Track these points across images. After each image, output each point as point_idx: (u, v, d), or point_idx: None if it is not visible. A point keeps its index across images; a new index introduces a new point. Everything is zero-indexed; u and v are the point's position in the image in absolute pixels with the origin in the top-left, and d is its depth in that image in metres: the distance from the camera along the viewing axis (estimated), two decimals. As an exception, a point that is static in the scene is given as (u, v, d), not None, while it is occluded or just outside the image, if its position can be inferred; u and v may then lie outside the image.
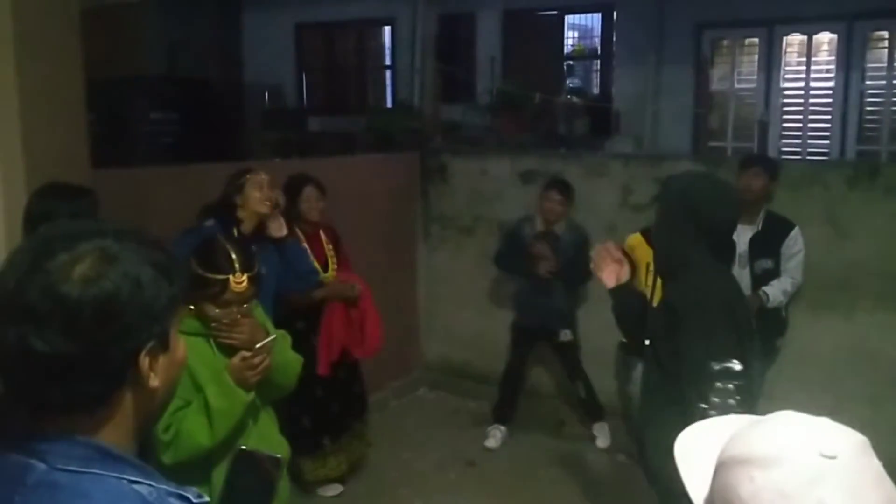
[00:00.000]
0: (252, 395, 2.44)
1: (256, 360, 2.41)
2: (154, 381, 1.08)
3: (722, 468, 0.99)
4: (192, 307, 2.40)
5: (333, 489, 4.62)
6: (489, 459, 5.14)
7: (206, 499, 1.09)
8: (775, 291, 4.38)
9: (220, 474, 2.07)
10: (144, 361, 1.06)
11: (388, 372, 5.80)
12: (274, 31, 11.04)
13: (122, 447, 1.07)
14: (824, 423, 0.98)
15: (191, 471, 2.24)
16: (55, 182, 2.96)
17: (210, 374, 2.39)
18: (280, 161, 6.32)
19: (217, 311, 2.44)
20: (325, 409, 4.44)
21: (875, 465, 0.94)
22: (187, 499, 1.06)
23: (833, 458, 0.90)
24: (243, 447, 1.51)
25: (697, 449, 1.08)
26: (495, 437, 5.31)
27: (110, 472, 1.02)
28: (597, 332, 5.29)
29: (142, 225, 1.20)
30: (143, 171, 5.13)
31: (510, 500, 4.64)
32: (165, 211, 4.04)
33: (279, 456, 1.51)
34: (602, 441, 5.26)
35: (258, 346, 2.43)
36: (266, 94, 10.83)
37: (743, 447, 0.97)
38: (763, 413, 1.07)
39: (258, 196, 3.89)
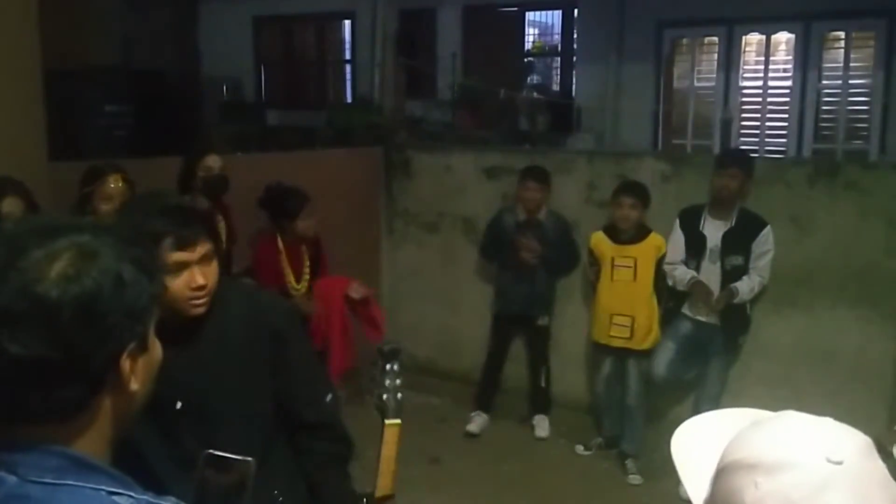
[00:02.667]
0: None
1: None
2: (134, 384, 1.02)
3: (724, 472, 0.96)
4: None
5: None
6: (454, 455, 5.12)
7: None
8: (744, 287, 4.42)
9: None
10: (126, 364, 1.00)
11: (350, 369, 5.73)
12: (232, 23, 10.89)
13: (97, 456, 1.00)
14: (829, 425, 0.96)
15: None
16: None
17: None
18: (240, 155, 6.22)
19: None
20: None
21: (880, 467, 0.92)
22: None
23: (840, 462, 0.88)
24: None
25: (696, 448, 1.06)
26: (476, 422, 5.35)
27: (86, 484, 0.96)
28: (570, 324, 5.32)
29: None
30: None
31: (475, 495, 4.62)
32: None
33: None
34: (541, 431, 5.32)
35: None
36: (224, 87, 10.69)
37: (747, 451, 0.94)
38: (726, 407, 1.06)
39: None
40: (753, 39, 8.61)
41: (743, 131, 8.60)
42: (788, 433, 0.95)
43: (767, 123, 8.48)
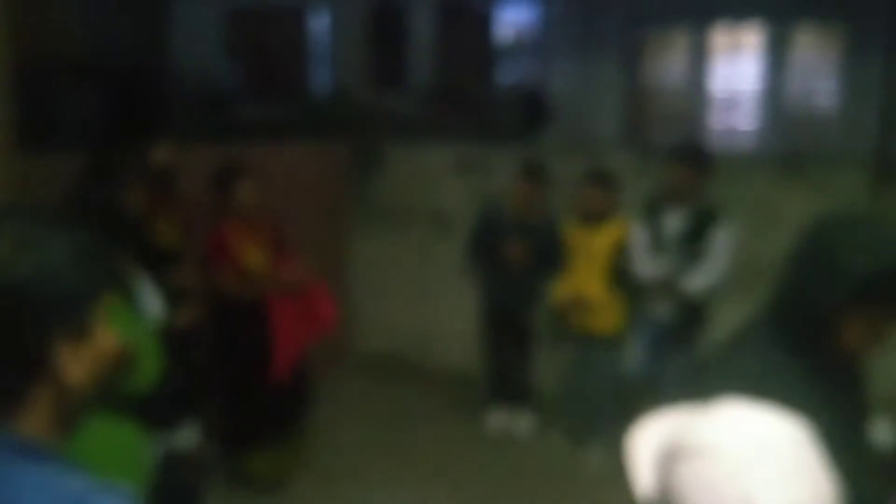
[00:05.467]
0: None
1: None
2: (71, 373, 1.02)
3: (666, 460, 1.01)
4: None
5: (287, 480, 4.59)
6: (420, 450, 5.14)
7: (133, 492, 1.05)
8: (701, 280, 4.49)
9: None
10: (61, 353, 1.00)
11: (320, 364, 5.75)
12: (205, 16, 10.82)
13: (44, 441, 1.02)
14: (761, 412, 1.01)
15: None
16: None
17: None
18: (209, 147, 6.19)
19: None
20: (264, 402, 4.31)
21: (807, 453, 0.97)
22: (115, 492, 1.02)
23: (764, 446, 0.94)
24: (165, 447, 1.47)
25: (643, 442, 1.11)
26: (497, 417, 5.33)
27: (32, 468, 0.97)
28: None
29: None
30: (70, 156, 4.96)
31: (441, 489, 4.66)
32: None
33: (202, 455, 1.47)
34: (521, 427, 5.32)
35: None
36: (196, 80, 10.61)
37: (686, 440, 1.00)
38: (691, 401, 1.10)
39: None
40: (723, 37, 8.71)
41: (711, 127, 8.71)
42: (720, 420, 1.00)
43: (735, 120, 8.59)
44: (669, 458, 1.01)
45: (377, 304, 6.33)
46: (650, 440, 1.07)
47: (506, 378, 5.38)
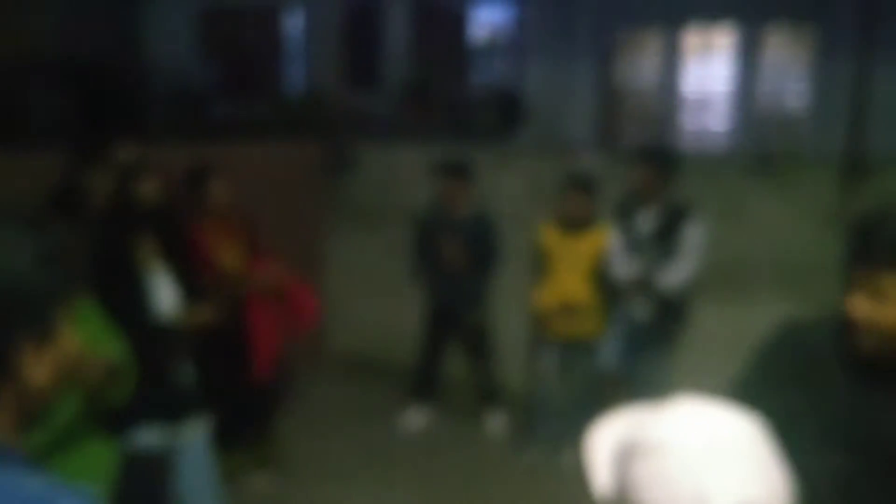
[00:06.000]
0: None
1: None
2: (34, 376, 1.02)
3: (622, 457, 1.01)
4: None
5: (260, 479, 4.56)
6: (394, 449, 5.12)
7: (96, 492, 1.04)
8: (676, 277, 4.52)
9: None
10: (23, 355, 1.00)
11: (292, 363, 5.72)
12: (178, 15, 10.75)
13: (4, 442, 1.00)
14: (717, 409, 1.01)
15: None
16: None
17: None
18: (182, 148, 6.14)
19: None
20: (231, 402, 4.29)
21: (760, 448, 0.97)
22: (77, 493, 1.01)
23: (718, 442, 0.94)
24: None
25: (600, 441, 1.10)
26: (413, 415, 5.33)
27: None
28: (504, 317, 5.36)
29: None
30: (42, 154, 4.90)
31: (417, 487, 4.64)
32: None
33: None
34: (495, 426, 5.31)
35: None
36: (168, 79, 10.53)
37: (640, 436, 1.00)
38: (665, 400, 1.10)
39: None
40: (695, 38, 8.77)
41: (684, 128, 8.76)
42: (675, 418, 0.99)
43: (708, 120, 8.65)
44: (625, 456, 1.00)
45: (350, 303, 6.30)
46: (607, 439, 1.07)
47: (429, 377, 5.38)
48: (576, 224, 4.69)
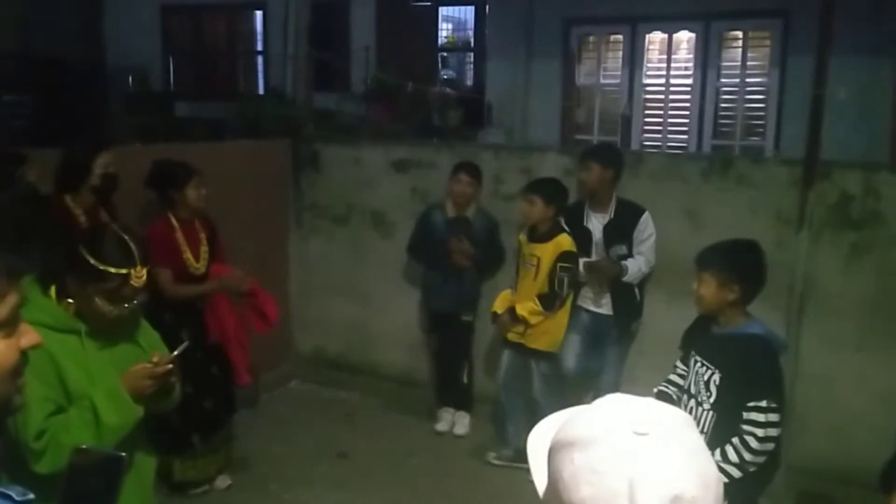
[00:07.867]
0: (142, 408, 2.23)
1: (160, 369, 2.21)
2: None
3: (551, 453, 1.02)
4: (70, 301, 2.18)
5: (222, 481, 4.54)
6: (361, 451, 5.13)
7: (31, 496, 1.04)
8: (632, 267, 4.57)
9: None
10: None
11: (258, 364, 5.69)
12: (140, 12, 10.63)
13: None
14: (646, 403, 1.03)
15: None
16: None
17: (84, 375, 2.16)
18: (144, 146, 6.09)
19: (110, 307, 2.20)
20: (195, 406, 4.21)
21: (690, 439, 0.98)
22: (9, 497, 1.01)
23: (645, 434, 0.95)
24: (81, 446, 1.44)
25: (538, 440, 1.12)
26: (445, 419, 5.34)
27: None
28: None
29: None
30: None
31: (381, 491, 4.65)
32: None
33: (122, 455, 1.45)
34: (460, 428, 5.34)
35: (175, 353, 2.27)
36: (130, 77, 10.40)
37: (568, 431, 1.01)
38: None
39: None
40: (656, 38, 8.86)
41: (646, 127, 8.85)
42: (604, 412, 1.01)
43: (669, 120, 8.75)
44: (554, 451, 1.02)
45: (316, 303, 6.29)
46: (544, 437, 1.09)
47: (448, 380, 5.40)
48: (538, 228, 4.67)
